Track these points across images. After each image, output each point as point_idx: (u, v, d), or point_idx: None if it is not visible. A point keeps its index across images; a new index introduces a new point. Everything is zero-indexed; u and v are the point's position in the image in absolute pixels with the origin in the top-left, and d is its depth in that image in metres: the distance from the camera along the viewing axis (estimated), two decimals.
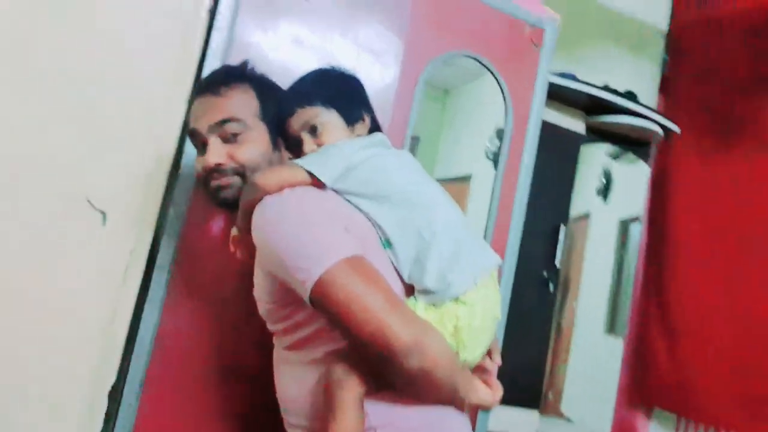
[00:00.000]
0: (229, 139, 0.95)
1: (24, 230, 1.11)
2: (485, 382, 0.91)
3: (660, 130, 2.13)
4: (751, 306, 2.02)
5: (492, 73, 1.59)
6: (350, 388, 0.79)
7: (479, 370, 0.93)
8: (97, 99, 1.16)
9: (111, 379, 1.16)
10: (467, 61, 1.59)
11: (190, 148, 1.22)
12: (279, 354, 0.94)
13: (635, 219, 2.35)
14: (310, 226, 0.81)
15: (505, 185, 1.61)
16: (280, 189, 0.85)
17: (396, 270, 0.87)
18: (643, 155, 2.31)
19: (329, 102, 0.94)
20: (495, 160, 1.63)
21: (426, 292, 0.84)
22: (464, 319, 0.82)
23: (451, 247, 0.85)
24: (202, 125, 0.95)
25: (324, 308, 0.78)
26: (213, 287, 1.24)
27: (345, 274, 0.76)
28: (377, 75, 1.43)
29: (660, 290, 2.29)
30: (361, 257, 0.79)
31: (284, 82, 1.03)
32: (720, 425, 2.04)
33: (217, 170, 0.94)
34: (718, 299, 2.11)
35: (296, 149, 0.96)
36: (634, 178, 2.34)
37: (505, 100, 1.62)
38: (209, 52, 1.24)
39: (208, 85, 0.99)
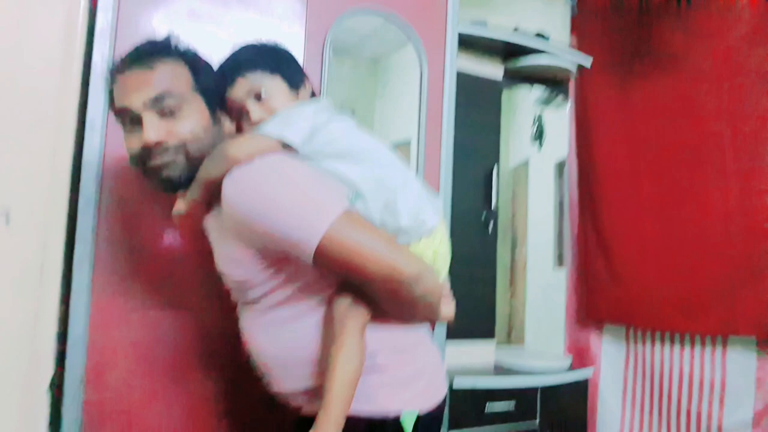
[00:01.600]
0: (166, 114, 0.90)
1: None
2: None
3: (573, 67, 2.22)
4: (676, 217, 2.18)
5: (400, 28, 1.62)
6: (358, 317, 0.89)
7: None
8: None
9: (47, 378, 1.14)
10: (393, 30, 1.62)
11: (90, 134, 1.19)
12: (256, 319, 0.96)
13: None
14: (300, 186, 0.85)
15: (430, 138, 1.66)
16: (250, 159, 0.86)
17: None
18: (563, 93, 2.41)
19: (271, 68, 0.96)
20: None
21: (401, 231, 0.92)
22: (438, 247, 0.96)
23: (414, 191, 0.95)
24: (134, 102, 0.89)
25: (331, 260, 0.83)
26: (139, 271, 1.23)
27: (348, 225, 0.83)
28: (282, 39, 1.41)
29: (595, 217, 2.44)
30: (352, 208, 0.87)
31: None
32: (663, 328, 2.23)
33: (156, 149, 0.89)
34: (646, 216, 2.27)
35: (240, 120, 0.97)
36: (563, 121, 2.43)
37: (417, 53, 1.67)
38: (96, 35, 1.20)
39: (133, 60, 0.92)
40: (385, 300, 0.91)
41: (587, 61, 2.25)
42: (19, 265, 1.10)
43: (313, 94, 1.04)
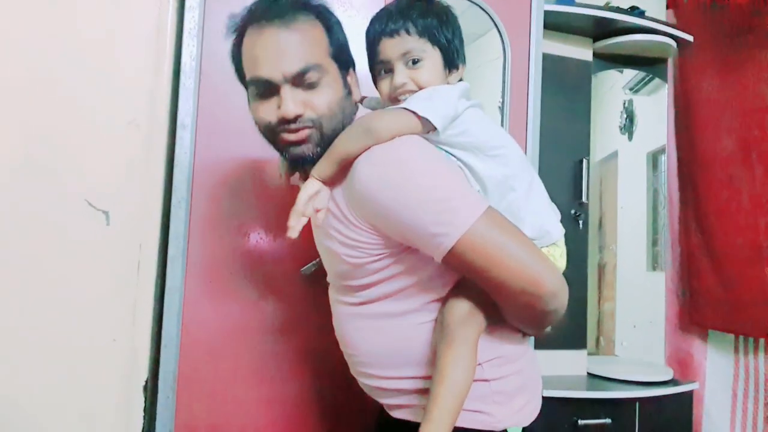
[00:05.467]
0: (306, 85, 0.82)
1: (31, 240, 1.11)
2: None
3: (674, 44, 2.02)
4: None
5: (480, 7, 1.53)
6: (474, 326, 0.82)
7: None
8: (77, 100, 1.15)
9: (144, 375, 1.16)
10: (469, 22, 1.52)
11: (181, 134, 1.20)
12: (353, 310, 0.90)
13: (663, 150, 2.25)
14: (441, 178, 0.78)
15: (514, 128, 1.55)
16: (392, 137, 0.79)
17: None
18: (660, 74, 2.20)
19: (435, 39, 0.85)
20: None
21: None
22: (560, 260, 0.88)
23: (540, 197, 0.88)
24: (274, 74, 0.81)
25: (466, 262, 0.77)
26: (229, 268, 1.23)
27: (489, 226, 0.76)
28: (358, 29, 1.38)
29: (698, 213, 2.20)
30: (492, 208, 0.79)
31: None
32: None
33: (293, 121, 0.82)
34: (759, 212, 2.02)
35: (379, 76, 0.88)
36: (656, 107, 2.23)
37: (500, 34, 1.55)
38: (185, 34, 1.21)
39: (271, 13, 0.82)
40: (513, 311, 0.83)
41: (688, 38, 2.02)
42: (119, 263, 1.15)
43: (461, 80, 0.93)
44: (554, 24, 1.81)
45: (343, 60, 0.88)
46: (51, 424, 1.11)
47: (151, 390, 1.17)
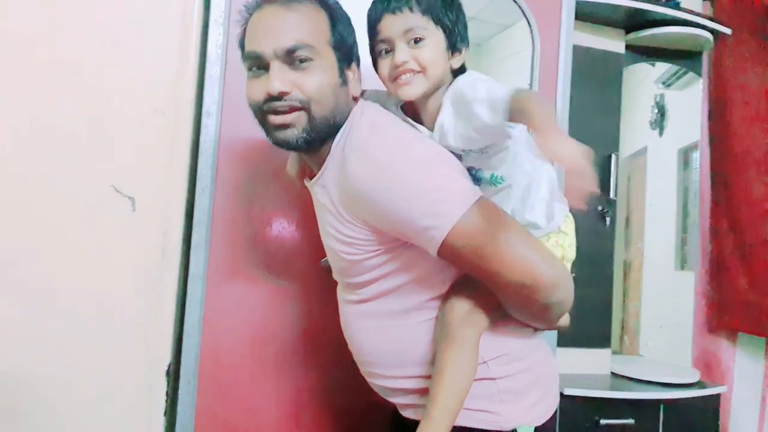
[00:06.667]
0: (296, 65, 0.80)
1: (58, 225, 1.13)
2: None
3: (710, 37, 1.95)
4: None
5: None
6: (476, 325, 0.80)
7: None
8: (103, 88, 1.16)
9: (166, 359, 1.18)
10: (497, 12, 1.50)
11: (206, 122, 1.21)
12: (356, 309, 0.90)
13: (695, 146, 2.18)
14: (430, 168, 0.77)
15: None
16: None
17: None
18: (694, 68, 2.13)
19: (438, 19, 0.82)
20: None
21: (529, 225, 0.82)
22: (568, 248, 0.85)
23: (547, 181, 0.85)
24: (264, 48, 0.79)
25: (459, 256, 0.75)
26: (252, 256, 1.24)
27: (480, 216, 0.74)
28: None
29: (730, 212, 2.12)
30: (485, 198, 0.77)
31: None
32: None
33: (279, 99, 0.80)
34: None
35: (378, 56, 0.84)
36: (689, 102, 2.16)
37: (529, 24, 1.52)
38: (210, 22, 1.21)
39: None
40: (512, 305, 0.81)
41: (726, 30, 1.95)
42: (144, 250, 1.16)
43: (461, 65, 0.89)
44: (585, 14, 1.76)
45: (345, 52, 0.86)
46: (74, 407, 1.13)
47: (174, 375, 1.19)
